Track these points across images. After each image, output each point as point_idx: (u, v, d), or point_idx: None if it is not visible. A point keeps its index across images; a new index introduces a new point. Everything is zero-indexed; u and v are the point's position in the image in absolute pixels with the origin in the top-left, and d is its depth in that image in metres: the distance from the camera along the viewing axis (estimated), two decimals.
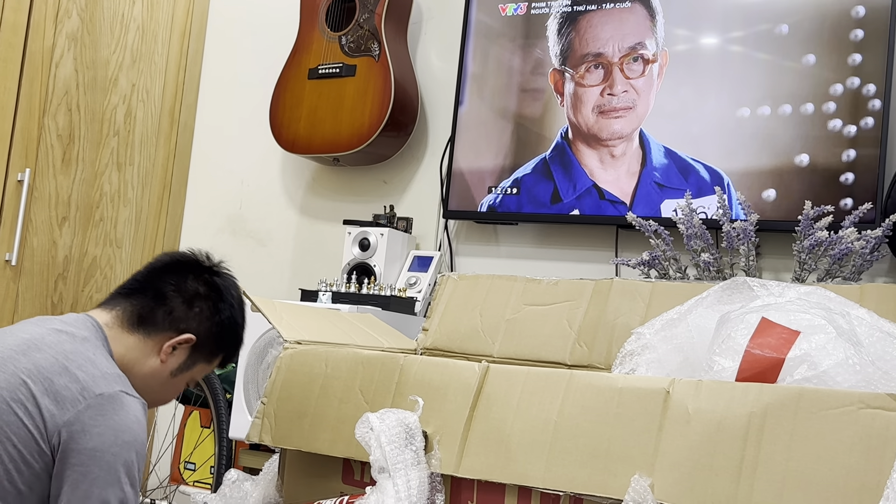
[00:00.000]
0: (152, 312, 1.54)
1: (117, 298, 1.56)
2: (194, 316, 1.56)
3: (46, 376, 1.38)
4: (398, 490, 1.37)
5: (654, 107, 2.39)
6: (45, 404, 1.36)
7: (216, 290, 1.59)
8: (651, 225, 2.18)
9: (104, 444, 1.35)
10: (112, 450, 1.36)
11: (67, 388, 1.38)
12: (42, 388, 1.37)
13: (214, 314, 1.58)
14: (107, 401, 1.39)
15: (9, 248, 2.84)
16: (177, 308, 1.55)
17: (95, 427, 1.36)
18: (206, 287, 1.58)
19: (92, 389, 1.39)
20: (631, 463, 1.23)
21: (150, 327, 1.53)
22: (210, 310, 1.57)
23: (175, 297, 1.55)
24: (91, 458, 1.34)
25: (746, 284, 1.50)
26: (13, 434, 1.34)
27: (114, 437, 1.36)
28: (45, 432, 1.35)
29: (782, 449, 1.13)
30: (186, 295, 1.56)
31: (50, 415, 1.36)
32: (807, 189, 2.18)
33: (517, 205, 2.56)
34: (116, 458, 1.36)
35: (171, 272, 1.58)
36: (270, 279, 3.02)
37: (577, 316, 1.84)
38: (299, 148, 2.85)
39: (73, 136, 3.01)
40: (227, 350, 1.64)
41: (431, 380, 1.50)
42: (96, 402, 1.38)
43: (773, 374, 1.26)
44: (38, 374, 1.38)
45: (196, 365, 1.60)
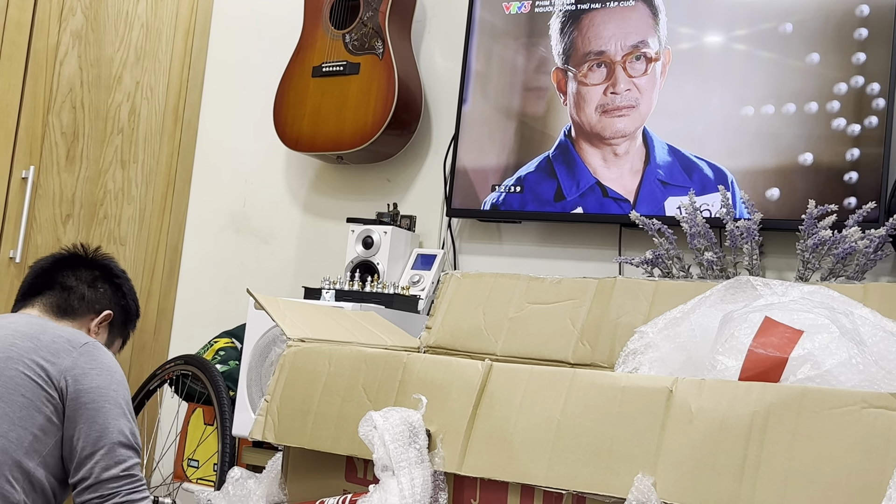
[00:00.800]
0: (67, 301, 1.72)
1: (28, 299, 1.73)
2: (102, 295, 1.75)
3: (31, 335, 1.54)
4: (402, 488, 1.37)
5: (658, 105, 2.39)
6: (39, 356, 1.51)
7: (105, 270, 1.79)
8: (654, 223, 2.18)
9: (105, 382, 1.53)
10: (112, 386, 1.53)
11: (54, 341, 1.54)
12: (31, 345, 1.52)
13: (116, 290, 1.78)
14: (92, 347, 1.57)
15: (13, 245, 2.85)
16: (86, 293, 1.73)
17: (93, 369, 1.53)
18: (98, 270, 1.78)
19: (77, 340, 1.57)
20: (634, 462, 1.23)
21: (71, 314, 1.71)
22: (111, 287, 1.77)
23: (78, 284, 1.73)
24: (99, 394, 1.51)
25: (750, 283, 1.50)
26: (19, 385, 1.47)
27: (109, 376, 1.55)
28: (50, 378, 1.49)
29: (785, 448, 1.13)
30: (87, 280, 1.74)
31: (49, 363, 1.50)
32: (810, 188, 2.18)
33: (520, 203, 2.56)
34: (118, 393, 1.54)
35: (61, 267, 1.76)
36: (274, 277, 3.02)
37: (580, 314, 1.84)
38: (303, 146, 2.85)
39: (78, 134, 3.01)
40: (132, 320, 1.83)
41: (435, 378, 1.50)
42: (85, 349, 1.55)
43: (777, 373, 1.26)
44: (22, 336, 1.53)
45: (115, 340, 1.79)
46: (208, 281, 3.18)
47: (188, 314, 3.21)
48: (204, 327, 3.05)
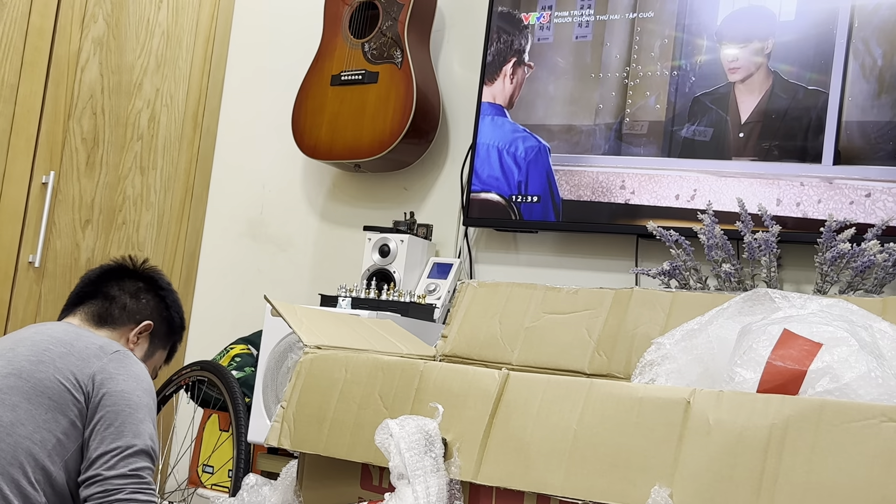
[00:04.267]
0: (108, 311, 1.72)
1: (71, 308, 1.75)
2: (144, 306, 1.75)
3: (65, 342, 1.56)
4: (417, 497, 1.37)
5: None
6: (70, 361, 1.52)
7: (151, 282, 1.79)
8: (672, 235, 2.18)
9: (130, 388, 1.53)
10: (137, 392, 1.54)
11: (87, 348, 1.56)
12: (64, 350, 1.53)
13: (160, 301, 1.78)
14: (122, 356, 1.58)
15: (32, 249, 2.87)
16: (128, 303, 1.74)
17: (119, 374, 1.54)
18: (143, 281, 1.78)
19: (109, 347, 1.58)
20: (650, 473, 1.23)
21: (111, 324, 1.72)
22: (155, 298, 1.77)
23: (121, 294, 1.74)
24: (121, 398, 1.51)
25: (768, 296, 1.49)
26: (47, 388, 1.48)
27: (136, 383, 1.55)
28: (77, 382, 1.50)
29: (803, 461, 1.12)
30: (131, 291, 1.75)
31: (78, 367, 1.52)
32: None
33: (537, 213, 2.56)
34: (141, 399, 1.54)
35: (107, 278, 1.77)
36: (290, 284, 3.03)
37: (596, 325, 1.84)
38: (321, 154, 2.86)
39: (98, 140, 3.03)
40: (177, 332, 1.83)
41: (451, 387, 1.50)
42: (116, 356, 1.57)
43: (795, 386, 1.26)
44: (56, 341, 1.55)
45: (156, 353, 1.78)
46: (225, 287, 3.19)
47: (205, 320, 3.22)
48: (220, 333, 3.06)
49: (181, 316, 1.84)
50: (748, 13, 2.35)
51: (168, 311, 1.80)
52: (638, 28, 2.50)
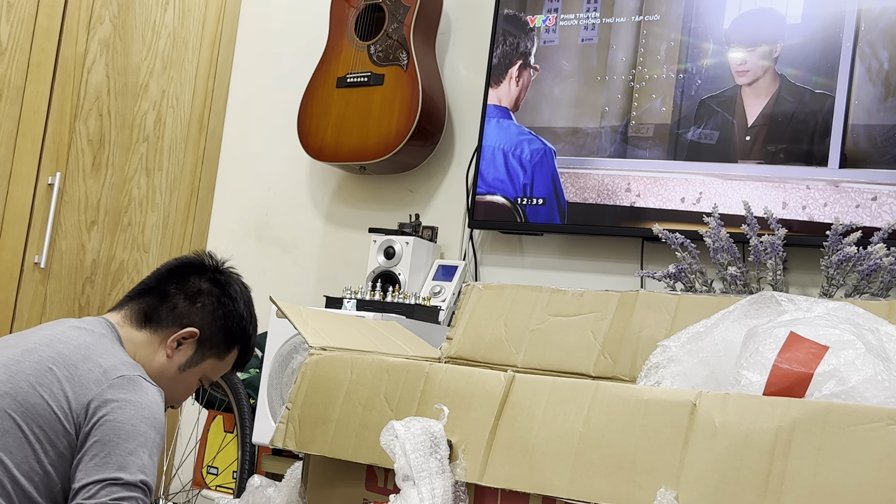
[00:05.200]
0: (157, 310, 1.60)
1: (126, 301, 1.65)
2: (197, 311, 1.62)
3: (71, 363, 1.45)
4: (422, 498, 1.37)
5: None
6: (69, 387, 1.42)
7: (219, 286, 1.65)
8: (677, 237, 2.18)
9: (125, 417, 1.41)
10: (132, 422, 1.41)
11: (90, 371, 1.44)
12: (66, 373, 1.43)
13: (217, 308, 1.63)
14: (127, 381, 1.45)
15: (38, 250, 2.88)
16: (180, 304, 1.61)
17: (116, 402, 1.42)
18: (210, 284, 1.65)
19: (114, 372, 1.45)
20: (656, 475, 1.23)
21: (155, 324, 1.60)
22: (213, 304, 1.63)
23: (178, 294, 1.62)
24: (111, 428, 1.39)
25: (774, 299, 1.49)
26: (38, 416, 1.39)
27: (134, 411, 1.42)
28: (70, 412, 1.40)
29: (809, 464, 1.12)
30: (189, 292, 1.63)
31: (74, 395, 1.41)
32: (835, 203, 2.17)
33: (542, 215, 2.56)
34: (136, 429, 1.41)
35: (176, 274, 1.65)
36: (296, 286, 3.03)
37: (601, 327, 1.84)
38: (326, 156, 2.86)
39: (104, 141, 3.04)
40: (235, 344, 1.68)
41: (457, 388, 1.50)
42: (118, 381, 1.44)
43: (801, 388, 1.26)
44: (62, 361, 1.44)
45: (205, 360, 1.65)
46: None
47: None
48: None
49: (241, 327, 1.67)
50: (758, 16, 2.35)
51: (224, 320, 1.64)
52: (644, 31, 2.50)
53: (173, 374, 1.62)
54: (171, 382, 1.62)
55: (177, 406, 1.71)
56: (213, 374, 1.69)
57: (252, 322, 1.71)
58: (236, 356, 1.71)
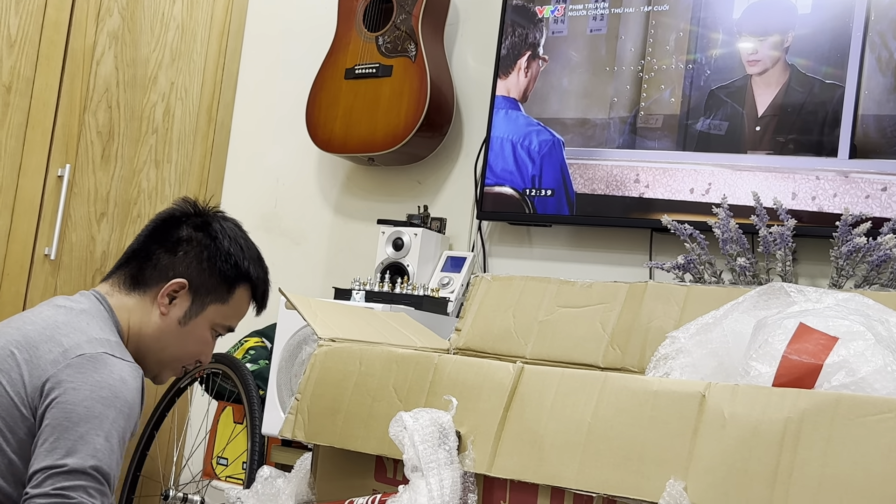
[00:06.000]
0: (142, 271, 1.55)
1: (115, 269, 1.59)
2: (179, 260, 1.55)
3: (33, 344, 1.39)
4: (431, 489, 1.37)
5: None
6: (26, 370, 1.36)
7: (201, 230, 1.58)
8: (686, 228, 2.17)
9: (78, 398, 1.33)
10: (85, 403, 1.33)
11: (50, 351, 1.38)
12: (27, 356, 1.38)
13: (202, 251, 1.56)
14: (87, 360, 1.37)
15: (48, 242, 2.89)
16: (163, 258, 1.55)
17: (71, 383, 1.35)
18: (190, 230, 1.57)
19: (74, 351, 1.38)
20: (665, 466, 1.23)
21: (143, 285, 1.54)
22: (196, 249, 1.56)
23: (159, 250, 1.56)
24: (62, 411, 1.32)
25: (783, 290, 1.49)
26: (0, 406, 1.35)
27: (89, 391, 1.34)
28: (26, 396, 1.35)
29: (818, 455, 1.12)
30: (169, 245, 1.56)
31: (30, 378, 1.36)
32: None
33: (551, 207, 2.56)
34: (90, 410, 1.33)
35: (158, 230, 1.58)
36: (304, 277, 3.04)
37: (610, 319, 1.84)
38: (335, 147, 2.86)
39: (113, 133, 3.04)
40: (234, 283, 1.59)
41: (465, 379, 1.51)
42: (76, 361, 1.37)
43: (811, 379, 1.25)
44: (25, 344, 1.39)
45: (206, 308, 1.57)
46: None
47: None
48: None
49: (232, 264, 1.58)
50: (769, 5, 2.34)
51: (210, 261, 1.55)
52: (653, 21, 2.49)
53: (175, 330, 1.55)
54: (176, 339, 1.56)
55: (204, 362, 1.63)
56: (226, 320, 1.61)
57: (245, 254, 1.62)
58: (247, 294, 1.63)
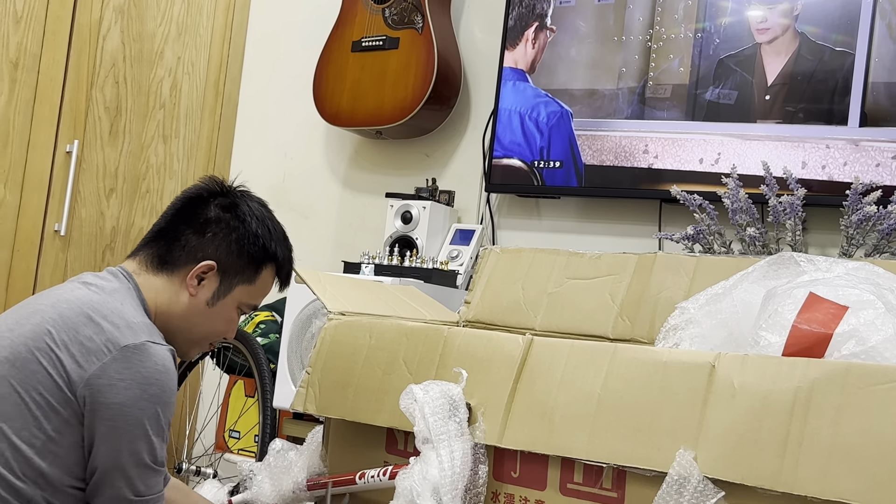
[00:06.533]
0: (170, 251, 1.54)
1: (141, 247, 1.58)
2: (208, 242, 1.55)
3: (71, 326, 1.40)
4: (442, 461, 1.38)
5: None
6: (68, 354, 1.38)
7: (228, 211, 1.57)
8: (695, 199, 2.17)
9: (131, 399, 1.37)
10: (139, 404, 1.38)
11: (92, 339, 1.39)
12: (66, 338, 1.39)
13: (229, 233, 1.56)
14: (132, 353, 1.39)
15: (58, 218, 2.89)
16: (191, 240, 1.55)
17: (122, 381, 1.38)
18: (218, 210, 1.57)
19: (118, 341, 1.40)
20: (675, 436, 1.23)
21: (171, 266, 1.54)
22: (224, 231, 1.56)
23: (187, 231, 1.55)
24: (119, 412, 1.37)
25: (793, 259, 1.48)
26: (38, 383, 1.36)
27: (140, 391, 1.38)
28: (70, 383, 1.37)
29: (829, 424, 1.12)
30: (197, 226, 1.56)
31: (75, 365, 1.37)
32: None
33: (560, 178, 2.55)
34: (144, 412, 1.38)
35: (184, 209, 1.58)
36: (313, 252, 3.04)
37: (619, 290, 1.84)
38: (342, 121, 2.86)
39: (120, 109, 3.04)
40: (261, 264, 1.59)
41: (475, 352, 1.51)
42: (122, 354, 1.39)
43: (821, 349, 1.25)
44: (62, 324, 1.40)
45: (234, 289, 1.57)
46: None
47: None
48: None
49: (260, 246, 1.57)
50: None
51: (239, 244, 1.55)
52: None
53: (203, 311, 1.56)
54: (204, 319, 1.57)
55: (229, 337, 1.65)
56: (252, 299, 1.62)
57: (273, 236, 1.61)
58: (273, 274, 1.63)
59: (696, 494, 1.18)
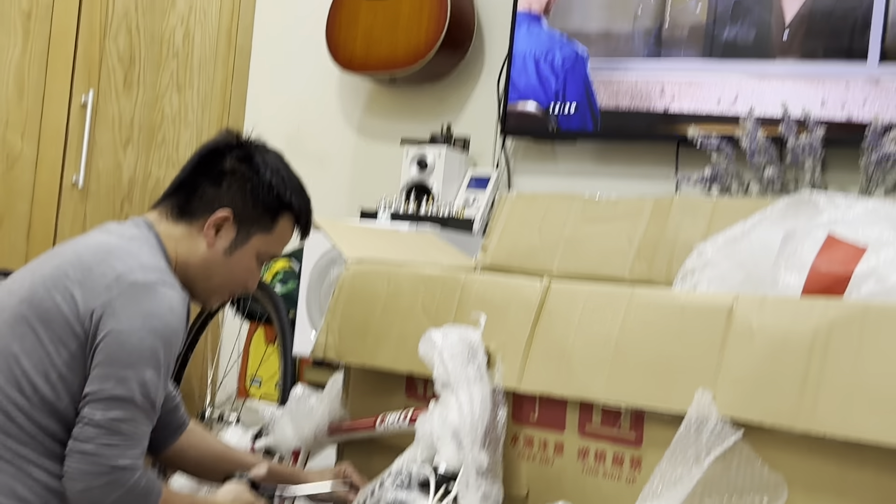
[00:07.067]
0: (189, 202, 1.58)
1: (163, 199, 1.62)
2: (225, 192, 1.58)
3: (87, 266, 1.44)
4: (461, 404, 1.40)
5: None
6: (79, 290, 1.42)
7: (245, 161, 1.60)
8: (713, 141, 2.15)
9: (131, 328, 1.40)
10: (139, 334, 1.40)
11: (104, 275, 1.43)
12: (80, 277, 1.43)
13: (245, 184, 1.58)
14: (140, 288, 1.43)
15: (76, 170, 2.90)
16: (208, 191, 1.58)
17: (124, 311, 1.41)
18: (234, 161, 1.60)
19: (126, 277, 1.43)
20: (693, 378, 1.24)
21: (189, 216, 1.57)
22: (239, 181, 1.58)
23: (204, 182, 1.59)
24: (116, 339, 1.39)
25: (812, 200, 1.47)
26: (51, 320, 1.41)
27: (142, 321, 1.41)
28: (78, 314, 1.41)
29: (848, 363, 1.12)
30: (213, 177, 1.59)
31: (83, 299, 1.41)
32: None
33: (575, 122, 2.53)
34: (142, 342, 1.40)
35: (203, 161, 1.61)
36: (329, 199, 3.04)
37: (636, 233, 1.83)
38: (356, 66, 2.84)
39: (134, 59, 3.03)
40: (277, 213, 1.61)
41: (493, 297, 1.52)
42: (129, 289, 1.42)
43: (840, 289, 1.25)
44: (79, 265, 1.44)
45: (251, 238, 1.59)
46: None
47: None
48: None
49: (275, 195, 1.59)
50: None
51: (253, 193, 1.58)
52: None
53: (221, 260, 1.58)
54: (223, 269, 1.59)
55: (251, 288, 1.67)
56: (272, 248, 1.63)
57: (287, 185, 1.63)
58: (291, 223, 1.65)
59: (714, 435, 1.19)
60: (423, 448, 1.42)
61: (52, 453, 1.40)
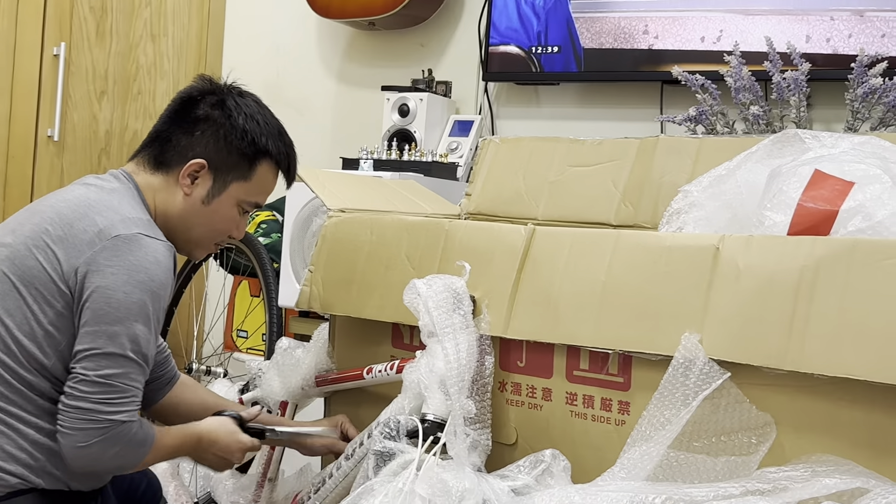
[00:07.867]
0: (164, 152, 1.55)
1: (140, 149, 1.60)
2: (198, 140, 1.55)
3: (67, 222, 1.42)
4: (447, 353, 1.39)
5: None
6: (63, 248, 1.40)
7: (218, 107, 1.57)
8: (697, 79, 2.12)
9: (117, 283, 1.39)
10: (124, 288, 1.39)
11: (85, 231, 1.41)
12: (61, 233, 1.41)
13: (218, 129, 1.55)
14: (123, 242, 1.41)
15: (50, 123, 2.85)
16: (181, 139, 1.55)
17: (109, 266, 1.39)
18: (207, 109, 1.56)
19: (108, 232, 1.42)
20: (680, 320, 1.23)
21: (166, 166, 1.55)
22: (213, 127, 1.55)
23: (178, 131, 1.56)
24: (103, 295, 1.38)
25: (797, 137, 1.46)
26: (34, 278, 1.40)
27: (127, 276, 1.39)
28: (62, 273, 1.40)
29: (836, 302, 1.11)
30: (187, 125, 1.56)
31: (66, 257, 1.40)
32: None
33: (558, 64, 2.50)
34: (129, 296, 1.39)
35: (177, 111, 1.58)
36: (311, 148, 3.01)
37: (622, 176, 1.81)
38: (333, 12, 2.78)
39: (106, 8, 2.96)
40: (254, 160, 1.58)
41: (477, 244, 1.50)
42: (112, 243, 1.41)
43: (827, 226, 1.24)
44: (59, 221, 1.43)
45: (228, 186, 1.56)
46: None
47: None
48: None
49: (250, 141, 1.56)
50: None
51: (226, 140, 1.54)
52: None
53: (199, 210, 1.55)
54: (202, 218, 1.56)
55: (236, 236, 1.64)
56: (252, 196, 1.60)
57: (263, 130, 1.59)
58: (272, 170, 1.61)
59: (702, 376, 1.19)
60: (410, 397, 1.41)
61: (43, 410, 1.40)
